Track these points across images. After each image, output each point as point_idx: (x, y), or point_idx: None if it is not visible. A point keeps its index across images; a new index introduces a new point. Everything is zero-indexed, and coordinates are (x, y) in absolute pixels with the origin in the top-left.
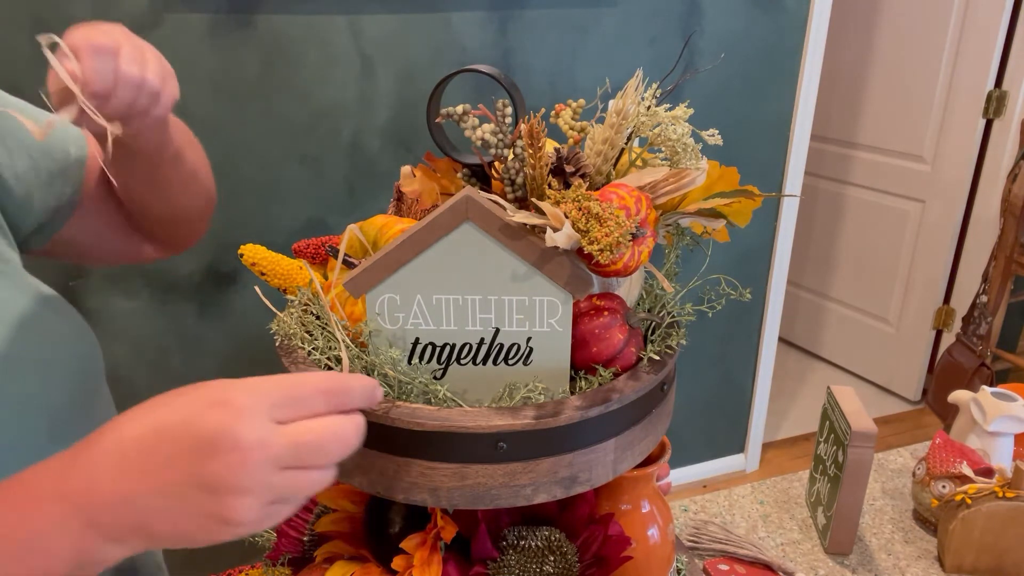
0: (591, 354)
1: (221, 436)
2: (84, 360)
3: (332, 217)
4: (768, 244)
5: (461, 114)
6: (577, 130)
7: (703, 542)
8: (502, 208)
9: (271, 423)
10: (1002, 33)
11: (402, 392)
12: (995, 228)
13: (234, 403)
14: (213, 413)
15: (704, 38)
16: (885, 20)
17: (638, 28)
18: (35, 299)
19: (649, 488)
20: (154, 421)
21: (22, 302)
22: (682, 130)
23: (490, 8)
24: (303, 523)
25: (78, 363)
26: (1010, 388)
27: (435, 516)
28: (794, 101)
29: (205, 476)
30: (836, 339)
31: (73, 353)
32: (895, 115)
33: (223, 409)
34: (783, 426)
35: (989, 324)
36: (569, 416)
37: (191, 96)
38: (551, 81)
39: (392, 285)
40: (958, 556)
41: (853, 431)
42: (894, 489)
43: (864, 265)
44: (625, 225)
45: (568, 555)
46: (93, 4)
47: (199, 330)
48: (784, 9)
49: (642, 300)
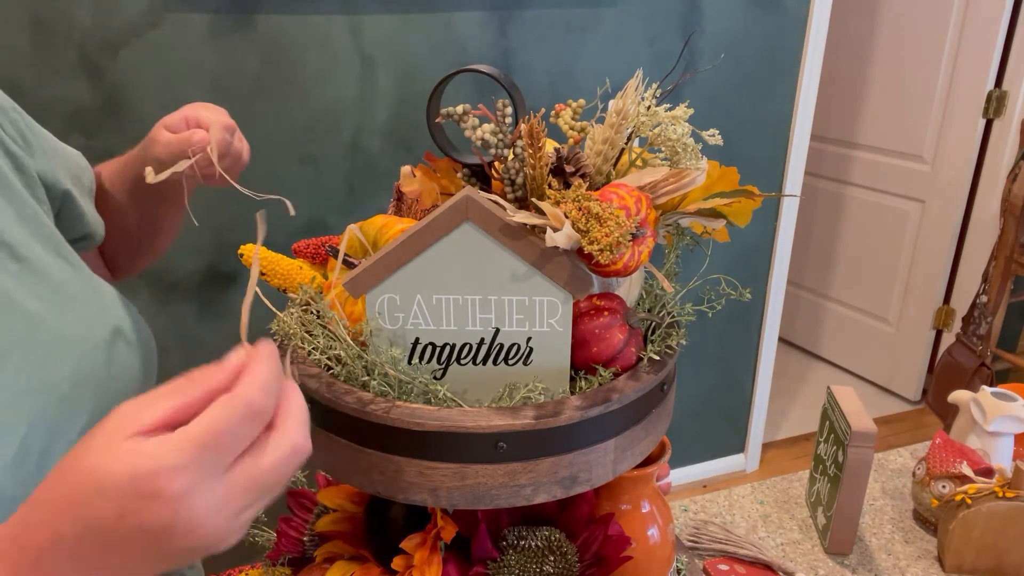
0: (591, 354)
1: (173, 528)
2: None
3: (332, 217)
4: (768, 244)
5: (461, 114)
6: (577, 130)
7: (703, 542)
8: (502, 208)
9: (213, 482)
10: (1002, 33)
11: (402, 392)
12: (995, 228)
13: (167, 491)
14: (152, 510)
15: (704, 38)
16: (885, 20)
17: (638, 28)
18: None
19: (649, 488)
20: (92, 524)
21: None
22: (682, 130)
23: (490, 8)
24: (303, 523)
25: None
26: (1010, 388)
27: (435, 516)
28: (794, 101)
29: (172, 553)
30: (836, 339)
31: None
32: (895, 115)
33: (161, 503)
34: (783, 426)
35: (989, 324)
36: (569, 416)
37: (191, 96)
38: (551, 81)
39: (392, 285)
40: (958, 556)
41: (853, 431)
42: (894, 489)
43: (864, 265)
44: (625, 225)
45: (568, 555)
46: (93, 4)
47: (199, 330)
48: (784, 9)
49: (642, 300)
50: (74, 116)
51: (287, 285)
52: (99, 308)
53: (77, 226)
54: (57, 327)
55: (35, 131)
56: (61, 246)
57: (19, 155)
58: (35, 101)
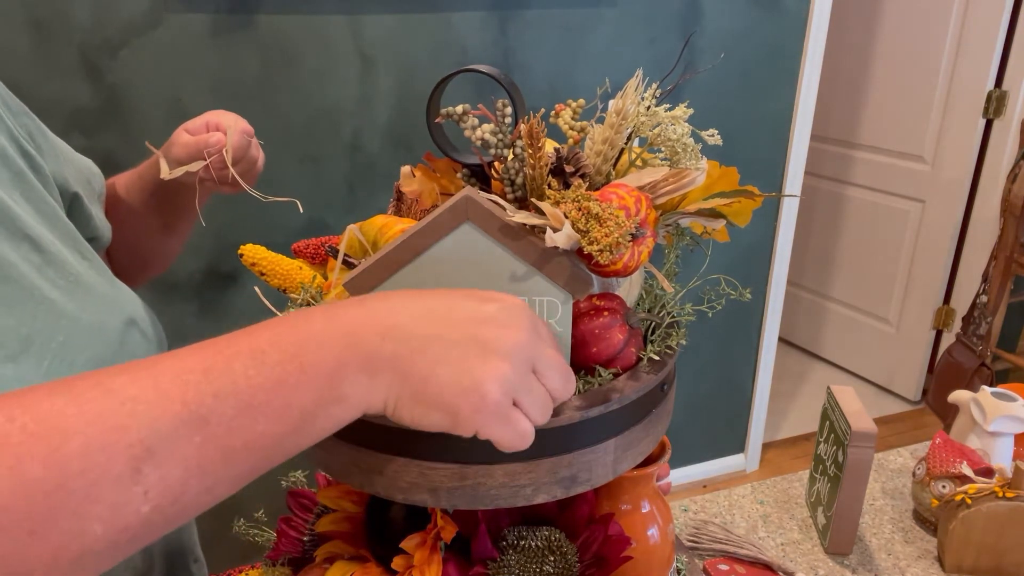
0: (591, 354)
1: (499, 313)
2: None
3: (332, 217)
4: (768, 244)
5: (461, 114)
6: (577, 130)
7: (703, 542)
8: (502, 208)
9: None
10: (1002, 33)
11: None
12: (995, 228)
13: (508, 300)
14: (491, 303)
15: (704, 38)
16: (885, 20)
17: (638, 28)
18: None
19: (649, 488)
20: (428, 300)
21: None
22: (682, 130)
23: (490, 8)
24: (303, 523)
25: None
26: (1010, 388)
27: (435, 516)
28: (794, 101)
29: (481, 334)
30: (836, 339)
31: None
32: (895, 115)
33: (500, 301)
34: (783, 426)
35: (989, 324)
36: (569, 416)
37: (191, 96)
38: (551, 81)
39: (392, 285)
40: (958, 556)
41: (853, 431)
42: (894, 489)
43: (864, 265)
44: (625, 225)
45: (568, 555)
46: (93, 4)
47: (199, 330)
48: (784, 9)
49: (642, 300)
50: (74, 116)
51: (287, 285)
52: (115, 300)
53: (85, 229)
54: (76, 316)
55: (46, 135)
56: (79, 242)
57: (34, 155)
58: (35, 101)
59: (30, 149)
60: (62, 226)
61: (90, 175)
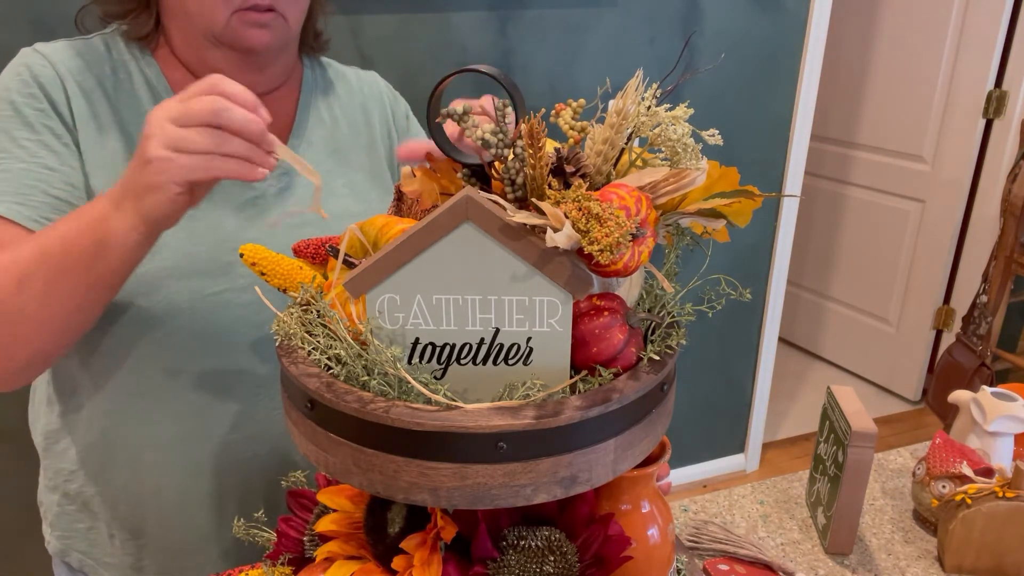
0: (591, 354)
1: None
2: None
3: None
4: (768, 244)
5: (461, 114)
6: (577, 130)
7: (703, 542)
8: (502, 208)
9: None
10: (1002, 33)
11: (402, 392)
12: (995, 228)
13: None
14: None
15: (704, 38)
16: (885, 20)
17: (638, 28)
18: None
19: (649, 488)
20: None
21: None
22: (682, 130)
23: (490, 8)
24: (303, 523)
25: None
26: (1010, 388)
27: (435, 516)
28: (794, 101)
29: (137, 152)
30: (836, 339)
31: None
32: (895, 115)
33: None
34: (783, 426)
35: (989, 324)
36: (569, 416)
37: None
38: (551, 81)
39: (392, 285)
40: (958, 556)
41: (853, 431)
42: (894, 489)
43: (864, 265)
44: (625, 225)
45: (568, 555)
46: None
47: None
48: (784, 9)
49: (642, 300)
50: None
51: (287, 285)
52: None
53: None
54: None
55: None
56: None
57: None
58: None
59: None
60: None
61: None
